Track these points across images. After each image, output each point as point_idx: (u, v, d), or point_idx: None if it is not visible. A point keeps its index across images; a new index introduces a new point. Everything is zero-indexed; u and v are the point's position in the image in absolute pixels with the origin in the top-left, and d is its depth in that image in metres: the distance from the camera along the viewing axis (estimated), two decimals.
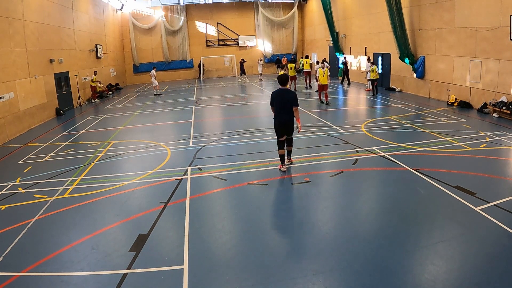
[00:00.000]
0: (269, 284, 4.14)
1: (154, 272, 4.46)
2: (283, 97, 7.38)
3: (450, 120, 11.91)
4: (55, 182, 7.83)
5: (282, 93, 7.42)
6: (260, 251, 4.83)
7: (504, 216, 5.31)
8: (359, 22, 22.94)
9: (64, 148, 10.83)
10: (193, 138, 11.08)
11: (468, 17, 13.68)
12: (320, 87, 16.28)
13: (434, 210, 5.72)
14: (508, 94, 12.15)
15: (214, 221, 5.76)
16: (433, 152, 8.56)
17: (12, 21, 13.18)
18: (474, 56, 13.64)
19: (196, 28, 32.65)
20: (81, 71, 20.32)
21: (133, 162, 9.13)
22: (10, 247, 5.16)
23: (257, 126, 12.41)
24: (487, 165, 7.63)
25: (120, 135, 12.30)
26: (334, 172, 7.56)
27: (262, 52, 33.78)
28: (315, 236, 5.14)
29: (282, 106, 7.38)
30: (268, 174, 7.68)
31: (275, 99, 7.45)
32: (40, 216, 6.15)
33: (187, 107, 17.34)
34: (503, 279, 4.00)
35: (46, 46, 16.13)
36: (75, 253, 4.96)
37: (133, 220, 5.90)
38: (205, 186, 7.26)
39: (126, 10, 30.30)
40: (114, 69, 27.78)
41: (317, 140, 10.27)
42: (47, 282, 4.34)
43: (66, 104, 18.21)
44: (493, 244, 4.70)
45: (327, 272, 4.33)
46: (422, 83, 17.31)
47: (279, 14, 33.42)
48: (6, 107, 12.48)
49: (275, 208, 6.20)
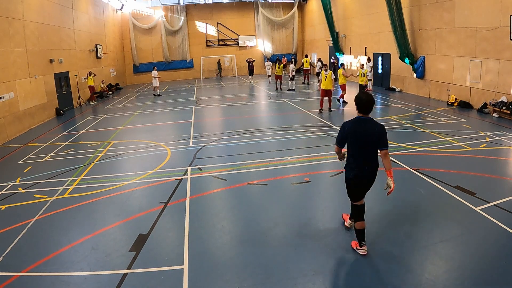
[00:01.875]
0: (269, 284, 4.14)
1: (154, 272, 4.46)
2: (365, 132, 4.40)
3: (450, 120, 11.91)
4: (55, 182, 7.83)
5: (363, 126, 4.41)
6: (260, 251, 4.83)
7: (504, 216, 5.31)
8: (359, 22, 22.94)
9: (64, 148, 10.83)
10: (193, 138, 11.08)
11: (468, 17, 13.68)
12: (323, 92, 13.90)
13: (434, 210, 5.72)
14: (508, 94, 12.15)
15: (214, 221, 5.76)
16: (433, 152, 8.55)
17: (12, 21, 13.18)
18: (474, 56, 13.64)
19: (196, 28, 32.65)
20: (81, 71, 20.30)
21: (133, 162, 9.13)
22: (10, 247, 5.16)
23: (257, 126, 12.41)
24: (487, 165, 7.63)
25: (120, 135, 12.30)
26: (334, 172, 7.56)
27: (262, 52, 33.79)
28: (315, 236, 5.14)
29: (363, 147, 4.44)
30: (268, 174, 7.68)
31: (350, 135, 4.46)
32: (40, 216, 6.15)
33: (187, 107, 17.33)
34: (503, 278, 4.00)
35: (46, 46, 16.13)
36: (75, 253, 4.96)
37: (133, 220, 5.90)
38: (205, 186, 7.25)
39: (126, 10, 30.29)
40: (114, 69, 27.78)
41: (317, 140, 10.27)
42: (47, 282, 4.34)
43: (66, 104, 18.21)
44: (493, 244, 4.70)
45: (327, 272, 4.33)
46: (422, 83, 17.31)
47: (279, 14, 33.42)
48: (6, 107, 12.48)
49: (275, 208, 6.19)
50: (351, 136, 4.43)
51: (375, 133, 4.34)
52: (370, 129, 4.36)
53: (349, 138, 4.45)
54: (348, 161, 4.57)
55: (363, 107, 4.39)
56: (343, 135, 4.50)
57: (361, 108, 4.41)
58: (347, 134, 4.45)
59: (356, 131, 4.39)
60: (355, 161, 4.48)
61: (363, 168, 4.45)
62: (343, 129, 4.51)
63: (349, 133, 4.43)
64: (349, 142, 4.47)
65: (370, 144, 4.38)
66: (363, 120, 4.42)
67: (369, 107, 4.38)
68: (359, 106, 4.43)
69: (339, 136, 4.56)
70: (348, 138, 4.46)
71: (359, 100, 4.41)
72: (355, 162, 4.48)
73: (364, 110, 4.40)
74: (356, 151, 4.45)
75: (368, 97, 4.39)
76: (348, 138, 4.47)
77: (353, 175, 4.50)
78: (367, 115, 4.44)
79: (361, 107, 4.41)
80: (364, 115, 4.43)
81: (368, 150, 4.42)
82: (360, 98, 4.42)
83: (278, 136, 10.71)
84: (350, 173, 4.53)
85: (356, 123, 4.43)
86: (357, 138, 4.39)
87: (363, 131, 4.37)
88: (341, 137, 4.53)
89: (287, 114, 14.37)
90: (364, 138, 4.36)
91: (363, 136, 4.36)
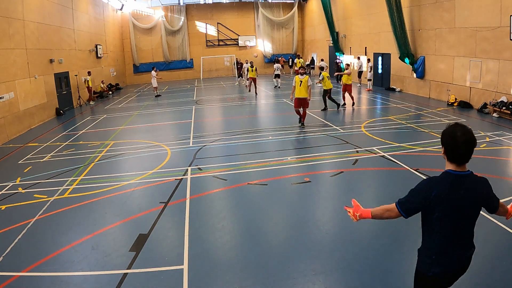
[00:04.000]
0: (269, 284, 4.14)
1: (154, 272, 4.46)
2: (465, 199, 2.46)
3: (450, 120, 11.91)
4: (55, 182, 7.83)
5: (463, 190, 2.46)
6: (260, 251, 4.83)
7: (504, 216, 5.30)
8: (359, 22, 22.94)
9: (64, 148, 10.82)
10: (193, 138, 11.08)
11: (468, 17, 13.68)
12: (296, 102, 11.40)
13: None
14: (508, 94, 12.15)
15: (214, 221, 5.76)
16: (433, 152, 8.55)
17: (12, 21, 13.18)
18: (474, 56, 13.64)
19: (196, 28, 32.66)
20: (81, 71, 20.30)
21: (133, 162, 9.13)
22: (10, 247, 5.16)
23: (257, 126, 12.41)
24: (487, 165, 7.63)
25: (120, 135, 12.30)
26: (334, 172, 7.56)
27: (262, 52, 33.80)
28: (315, 236, 5.14)
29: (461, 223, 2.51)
30: (268, 174, 7.68)
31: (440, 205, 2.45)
32: (40, 216, 6.15)
33: (187, 107, 17.34)
34: (503, 279, 4.00)
35: (46, 46, 16.13)
36: (75, 253, 4.96)
37: (133, 220, 5.90)
38: (205, 186, 7.25)
39: (126, 10, 30.30)
40: (114, 69, 27.78)
41: (317, 140, 10.27)
42: (47, 282, 4.34)
43: (66, 104, 18.21)
44: (493, 244, 4.70)
45: (327, 272, 4.33)
46: (422, 83, 17.31)
47: (279, 14, 33.43)
48: (6, 107, 12.48)
49: (275, 208, 6.19)
50: (444, 206, 2.44)
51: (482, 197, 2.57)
52: (472, 193, 2.49)
53: (439, 208, 2.45)
54: (428, 245, 2.63)
55: (459, 152, 2.43)
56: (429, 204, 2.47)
57: (455, 155, 2.46)
58: (436, 203, 2.44)
59: (452, 197, 2.43)
60: (446, 246, 2.54)
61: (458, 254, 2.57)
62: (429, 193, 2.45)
63: (439, 202, 2.44)
64: (441, 214, 2.46)
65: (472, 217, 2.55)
66: (461, 176, 2.49)
67: (469, 151, 2.43)
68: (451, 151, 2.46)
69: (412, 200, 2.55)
70: (438, 209, 2.45)
71: (452, 139, 2.42)
72: (446, 247, 2.54)
73: (460, 159, 2.46)
74: (448, 231, 2.50)
75: (466, 135, 2.40)
76: (438, 209, 2.45)
77: (439, 271, 2.56)
78: (465, 167, 2.51)
79: (455, 152, 2.44)
80: (461, 171, 2.50)
81: (468, 224, 2.56)
82: (452, 135, 2.42)
83: (278, 136, 10.71)
84: (433, 268, 2.57)
85: (451, 185, 2.45)
86: (454, 209, 2.44)
87: (464, 197, 2.45)
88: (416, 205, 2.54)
89: (287, 114, 14.36)
90: (466, 210, 2.48)
91: (463, 204, 2.45)
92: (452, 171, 2.49)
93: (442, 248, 2.54)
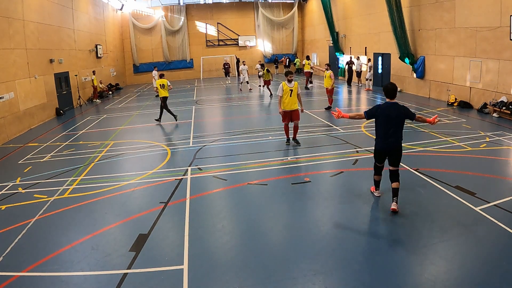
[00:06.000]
0: (269, 284, 4.14)
1: (154, 272, 4.46)
2: (391, 112, 5.51)
3: (450, 120, 11.91)
4: (55, 182, 7.83)
5: (391, 108, 5.53)
6: (260, 251, 4.83)
7: (504, 216, 5.31)
8: (359, 22, 22.94)
9: (64, 148, 10.83)
10: (193, 138, 11.08)
11: (468, 17, 13.68)
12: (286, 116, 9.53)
13: (434, 210, 5.72)
14: (508, 94, 12.15)
15: (214, 221, 5.76)
16: (433, 152, 8.55)
17: (12, 21, 13.18)
18: (474, 56, 13.64)
19: (196, 28, 32.67)
20: (81, 71, 20.32)
21: (133, 162, 9.13)
22: (10, 247, 5.16)
23: (257, 126, 12.41)
24: (487, 165, 7.63)
25: (120, 135, 12.30)
26: (334, 172, 7.56)
27: (262, 52, 33.78)
28: (315, 236, 5.14)
29: (389, 124, 5.53)
30: (268, 174, 7.68)
31: (380, 115, 5.59)
32: (40, 216, 6.15)
33: (187, 107, 17.34)
34: (503, 279, 4.00)
35: (46, 46, 16.13)
36: (75, 253, 4.96)
37: (133, 220, 5.90)
38: (205, 186, 7.25)
39: (126, 10, 30.30)
40: (114, 69, 27.79)
41: (317, 140, 10.27)
42: (47, 282, 4.34)
43: (66, 104, 18.22)
44: (493, 244, 4.70)
45: (327, 272, 4.33)
46: (422, 83, 17.31)
47: (279, 14, 33.44)
48: (6, 107, 12.49)
49: (275, 208, 6.19)
50: (381, 115, 5.54)
51: (400, 112, 5.51)
52: (395, 110, 5.50)
53: (380, 117, 5.56)
54: (378, 135, 5.70)
55: (387, 93, 5.58)
56: (374, 113, 5.61)
57: (387, 94, 5.58)
58: (378, 113, 5.57)
59: (384, 111, 5.53)
60: (384, 135, 5.58)
61: (389, 140, 5.57)
62: (376, 109, 5.60)
63: (380, 113, 5.56)
64: (380, 119, 5.57)
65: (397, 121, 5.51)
66: (391, 103, 5.55)
67: (392, 93, 5.53)
68: (385, 92, 5.58)
69: (371, 112, 5.63)
70: (379, 117, 5.57)
71: (385, 88, 5.59)
72: (384, 136, 5.59)
73: (389, 95, 5.56)
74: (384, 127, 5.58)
75: (390, 85, 5.60)
76: (379, 117, 5.57)
77: (379, 147, 5.73)
78: (393, 100, 5.56)
79: (386, 93, 5.58)
80: (390, 100, 5.56)
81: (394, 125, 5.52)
82: (384, 87, 5.63)
83: (278, 136, 10.71)
84: (378, 145, 5.74)
85: (385, 106, 5.54)
86: (385, 116, 5.51)
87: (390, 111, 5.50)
88: (371, 113, 5.64)
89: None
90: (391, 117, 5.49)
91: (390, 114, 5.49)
92: (387, 101, 5.58)
93: (380, 137, 5.66)
